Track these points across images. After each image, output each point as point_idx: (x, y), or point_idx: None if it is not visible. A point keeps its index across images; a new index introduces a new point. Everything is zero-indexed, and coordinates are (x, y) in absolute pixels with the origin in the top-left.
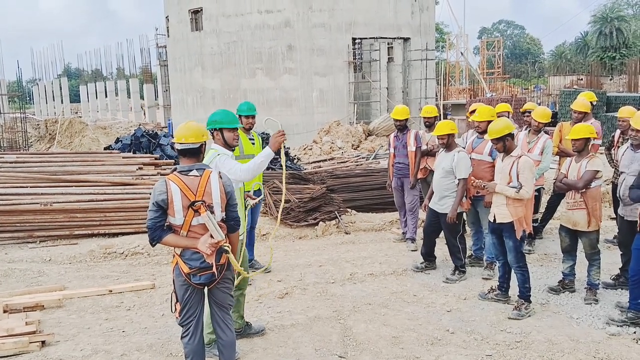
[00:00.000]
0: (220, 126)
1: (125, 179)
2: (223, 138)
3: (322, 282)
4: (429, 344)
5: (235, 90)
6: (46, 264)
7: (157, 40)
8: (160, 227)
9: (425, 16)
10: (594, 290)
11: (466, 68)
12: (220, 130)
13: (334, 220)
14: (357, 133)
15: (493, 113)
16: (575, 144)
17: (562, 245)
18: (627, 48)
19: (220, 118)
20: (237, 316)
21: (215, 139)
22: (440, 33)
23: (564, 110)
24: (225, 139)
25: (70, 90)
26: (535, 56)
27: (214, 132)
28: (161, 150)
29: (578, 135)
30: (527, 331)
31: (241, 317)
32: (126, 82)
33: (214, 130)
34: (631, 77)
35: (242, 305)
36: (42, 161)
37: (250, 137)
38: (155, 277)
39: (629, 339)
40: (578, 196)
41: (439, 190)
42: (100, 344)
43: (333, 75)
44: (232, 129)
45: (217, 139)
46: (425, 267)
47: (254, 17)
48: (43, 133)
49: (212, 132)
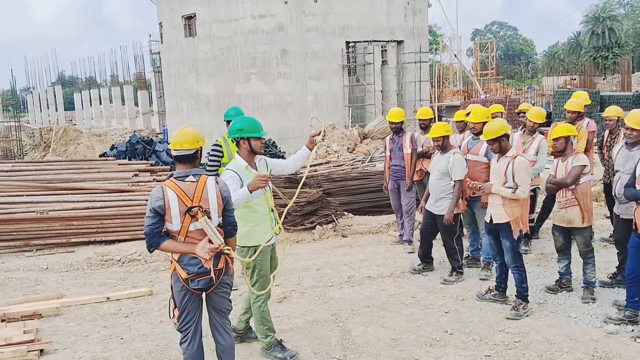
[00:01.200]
0: (247, 135)
1: (121, 186)
2: (250, 146)
3: (320, 286)
4: (427, 345)
5: (229, 95)
6: (43, 272)
7: (150, 46)
8: (157, 233)
9: (418, 19)
10: (591, 289)
11: (460, 70)
12: (248, 139)
13: (331, 224)
14: (352, 136)
15: (488, 114)
16: (555, 143)
17: (556, 245)
18: (620, 47)
19: (246, 126)
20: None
21: (240, 148)
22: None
23: (558, 110)
24: (252, 148)
25: (64, 98)
26: (528, 57)
27: (240, 141)
28: (157, 157)
29: (557, 134)
30: (526, 331)
31: (247, 321)
32: (120, 89)
33: (240, 139)
34: (624, 76)
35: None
36: (38, 169)
37: None
38: (153, 283)
39: (627, 337)
40: (569, 194)
41: (435, 192)
42: (99, 351)
43: (327, 79)
44: (259, 138)
45: (243, 147)
46: (422, 269)
47: (247, 22)
48: (38, 141)
49: (236, 141)
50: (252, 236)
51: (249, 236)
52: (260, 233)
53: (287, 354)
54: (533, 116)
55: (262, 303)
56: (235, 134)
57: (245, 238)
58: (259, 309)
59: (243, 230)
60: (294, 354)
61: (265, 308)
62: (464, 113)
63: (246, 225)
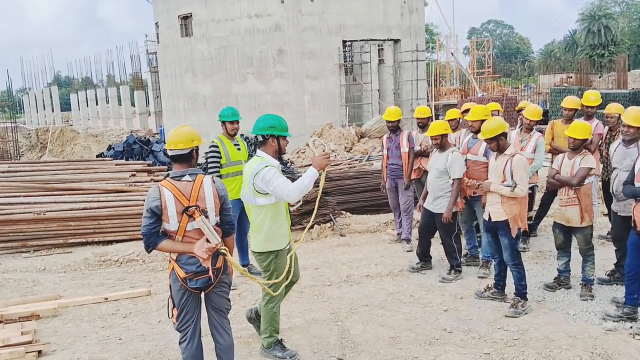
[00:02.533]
0: (278, 133)
1: (118, 186)
2: (278, 145)
3: (319, 285)
4: (427, 343)
5: (226, 95)
6: (41, 273)
7: (147, 46)
8: (155, 233)
9: (415, 17)
10: (589, 286)
11: (457, 68)
12: (278, 138)
13: (329, 223)
14: (349, 135)
15: (487, 112)
16: (574, 142)
17: (556, 242)
18: (615, 45)
19: (278, 124)
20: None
21: (267, 145)
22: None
23: (555, 108)
24: (280, 147)
25: (60, 99)
26: (524, 55)
27: (269, 138)
28: (154, 157)
29: (579, 135)
30: (525, 328)
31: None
32: (117, 89)
33: (270, 137)
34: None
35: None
36: (35, 170)
37: (235, 143)
38: (151, 283)
39: (625, 334)
40: (571, 192)
41: (434, 191)
42: (97, 352)
43: (324, 78)
44: (286, 138)
45: (271, 145)
46: (421, 268)
47: (243, 21)
48: (34, 142)
49: (265, 137)
50: (276, 240)
51: (273, 239)
52: (284, 236)
53: (286, 353)
54: (530, 114)
55: (275, 304)
56: (266, 131)
57: (269, 242)
58: (270, 310)
59: (268, 233)
60: (293, 354)
61: (277, 309)
62: (457, 111)
63: (273, 225)
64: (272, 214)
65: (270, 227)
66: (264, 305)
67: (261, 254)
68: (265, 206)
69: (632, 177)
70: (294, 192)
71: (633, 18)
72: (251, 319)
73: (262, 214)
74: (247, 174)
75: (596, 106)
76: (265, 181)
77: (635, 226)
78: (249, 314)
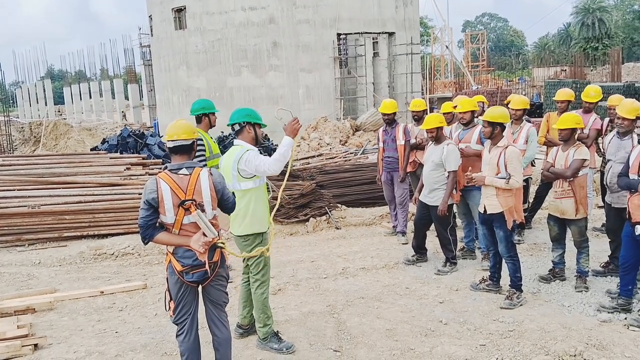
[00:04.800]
0: (255, 121)
1: (113, 180)
2: (255, 133)
3: (315, 278)
4: (422, 335)
5: (221, 88)
6: (36, 267)
7: (140, 39)
8: (151, 225)
9: (410, 10)
10: (584, 278)
11: (451, 61)
12: (254, 126)
13: (325, 216)
14: (344, 129)
15: (474, 103)
16: (561, 133)
17: (550, 234)
18: (609, 38)
19: (253, 113)
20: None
21: (245, 134)
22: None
23: (549, 101)
24: (257, 135)
25: (54, 92)
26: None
27: (247, 127)
28: (148, 150)
29: (565, 125)
30: (520, 320)
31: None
32: (110, 82)
33: (247, 124)
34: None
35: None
36: (29, 164)
37: (211, 136)
38: (147, 277)
39: (620, 325)
40: (566, 185)
41: (429, 183)
42: (94, 345)
43: (319, 71)
44: (261, 126)
45: (248, 133)
46: (416, 260)
47: (238, 14)
48: (28, 136)
49: (242, 126)
50: (261, 221)
51: (259, 221)
52: (266, 219)
53: (282, 345)
54: (514, 104)
55: (265, 289)
56: (243, 119)
57: (256, 224)
58: (262, 296)
59: (254, 215)
60: (289, 346)
61: (267, 294)
62: (451, 105)
63: (257, 208)
64: (256, 196)
65: (256, 210)
66: (254, 292)
67: (247, 237)
68: (250, 190)
69: (626, 169)
70: (275, 164)
71: (627, 11)
72: (243, 335)
73: (247, 198)
74: (228, 164)
75: (595, 102)
76: (249, 161)
77: (629, 218)
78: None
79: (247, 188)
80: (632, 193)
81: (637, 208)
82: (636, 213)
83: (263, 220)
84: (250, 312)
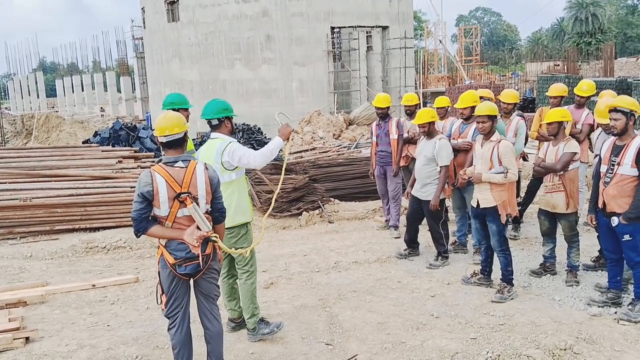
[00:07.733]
0: (231, 114)
1: (105, 173)
2: (232, 125)
3: (307, 271)
4: (414, 328)
5: (214, 81)
6: (27, 260)
7: (133, 32)
8: (145, 218)
9: (403, 4)
10: (574, 272)
11: (444, 56)
12: (231, 119)
13: (318, 210)
14: (338, 122)
15: (475, 98)
16: (549, 127)
17: (541, 229)
18: (603, 33)
19: (229, 106)
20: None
21: (223, 127)
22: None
23: (542, 96)
24: (233, 127)
25: (46, 85)
26: (512, 43)
27: (225, 121)
28: (140, 143)
29: (551, 119)
30: (511, 314)
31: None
32: (103, 75)
33: (225, 119)
34: (607, 62)
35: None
36: (20, 156)
37: None
38: (139, 270)
39: (610, 319)
40: (556, 179)
41: (421, 178)
42: (85, 338)
43: (312, 65)
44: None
45: (226, 126)
46: (408, 254)
47: (231, 6)
48: (19, 128)
49: (220, 120)
50: (245, 212)
51: (243, 212)
52: (250, 209)
53: (272, 326)
54: (505, 98)
55: (254, 279)
56: (221, 114)
57: (241, 214)
58: (251, 286)
59: (238, 206)
60: (279, 324)
61: (255, 284)
62: (446, 99)
63: (241, 198)
64: (239, 187)
65: (240, 200)
66: (244, 283)
67: (232, 228)
68: (234, 181)
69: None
70: (260, 157)
71: (620, 6)
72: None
73: (230, 189)
74: (210, 157)
75: (587, 96)
76: (234, 152)
77: (604, 208)
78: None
79: (231, 180)
80: (605, 184)
81: (612, 198)
82: (611, 203)
83: (247, 211)
84: (238, 304)
